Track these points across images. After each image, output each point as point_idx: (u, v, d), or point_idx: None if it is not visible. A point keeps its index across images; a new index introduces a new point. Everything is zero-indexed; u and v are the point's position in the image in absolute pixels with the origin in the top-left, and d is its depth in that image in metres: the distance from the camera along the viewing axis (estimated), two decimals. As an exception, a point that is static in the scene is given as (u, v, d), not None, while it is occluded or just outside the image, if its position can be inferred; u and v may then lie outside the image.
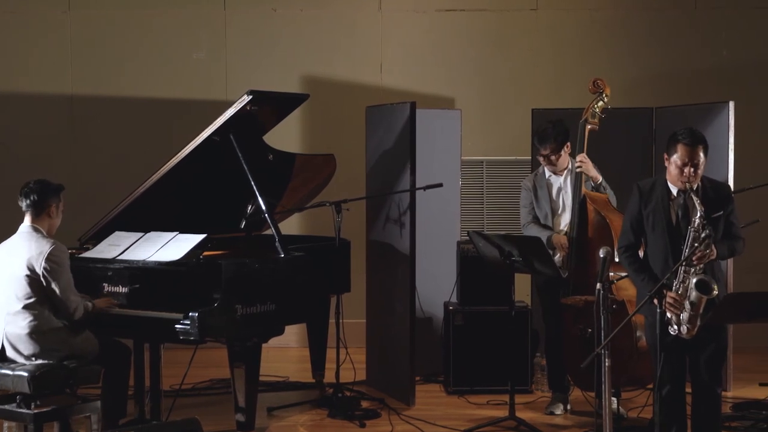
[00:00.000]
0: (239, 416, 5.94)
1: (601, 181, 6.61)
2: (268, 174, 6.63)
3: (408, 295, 7.11)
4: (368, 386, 7.55)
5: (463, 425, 6.56)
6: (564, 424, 6.70)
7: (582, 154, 6.60)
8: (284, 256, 6.17)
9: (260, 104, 6.26)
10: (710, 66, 9.07)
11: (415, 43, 9.15)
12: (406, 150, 7.09)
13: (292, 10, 9.14)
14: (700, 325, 5.15)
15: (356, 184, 7.84)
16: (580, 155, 6.60)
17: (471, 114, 8.68)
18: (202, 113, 7.77)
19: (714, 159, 5.39)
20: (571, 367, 6.65)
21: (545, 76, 9.06)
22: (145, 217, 6.32)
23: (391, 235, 7.34)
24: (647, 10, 9.11)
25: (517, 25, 9.12)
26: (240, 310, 5.72)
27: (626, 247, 5.50)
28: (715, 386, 5.39)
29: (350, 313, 7.51)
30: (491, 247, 6.44)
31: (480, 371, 7.36)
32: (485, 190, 9.08)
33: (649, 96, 8.56)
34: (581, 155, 6.60)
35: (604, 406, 5.05)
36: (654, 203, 5.39)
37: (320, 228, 7.99)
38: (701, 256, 5.13)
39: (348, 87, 9.09)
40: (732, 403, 6.95)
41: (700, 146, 5.27)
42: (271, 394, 7.30)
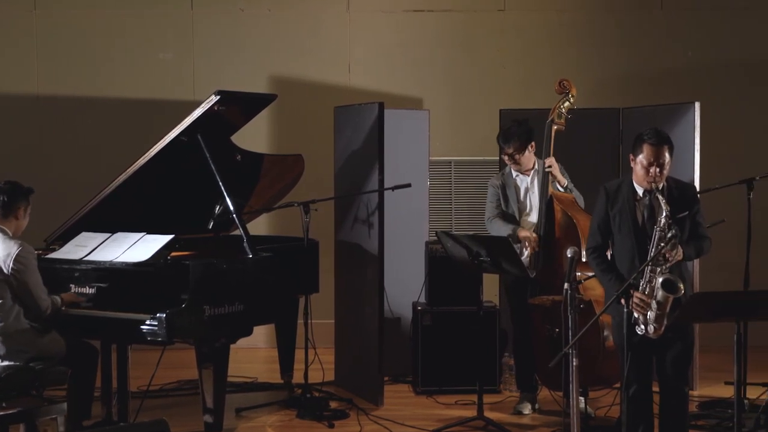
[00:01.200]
0: (207, 417, 5.92)
1: (567, 184, 6.65)
2: (236, 174, 6.61)
3: (376, 296, 7.11)
4: (337, 387, 7.54)
5: (431, 425, 6.56)
6: (532, 423, 6.72)
7: (550, 158, 6.63)
8: (252, 256, 6.15)
9: (228, 104, 6.24)
10: (676, 67, 9.13)
11: (383, 44, 9.16)
12: (374, 150, 7.09)
13: (260, 11, 9.12)
14: (666, 324, 5.19)
15: (324, 185, 7.83)
16: (549, 158, 6.63)
17: (439, 114, 8.69)
18: (169, 113, 7.73)
19: (680, 159, 5.43)
20: (539, 367, 6.68)
21: (513, 77, 9.09)
22: (113, 217, 6.29)
23: (359, 235, 7.34)
24: (614, 11, 9.16)
25: (484, 25, 9.15)
26: (208, 311, 5.70)
27: (594, 248, 5.52)
28: (682, 386, 5.43)
29: (319, 314, 7.51)
30: (459, 247, 6.45)
31: (448, 371, 7.37)
32: (453, 190, 9.10)
33: (616, 96, 8.60)
34: (549, 158, 6.63)
35: (571, 406, 5.07)
36: (620, 204, 5.41)
37: (288, 228, 7.98)
38: (668, 257, 5.17)
39: (316, 87, 9.08)
40: (698, 401, 7.00)
41: (666, 146, 5.31)
42: (240, 395, 7.28)
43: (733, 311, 4.94)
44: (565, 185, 6.64)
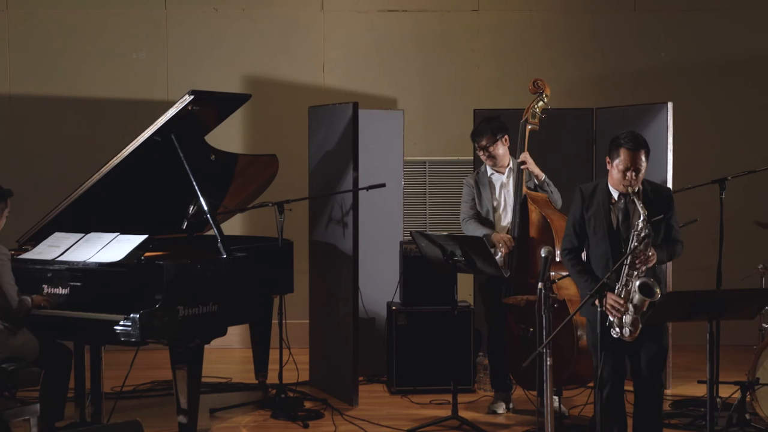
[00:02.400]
0: (181, 418, 5.90)
1: (545, 178, 6.66)
2: (210, 174, 6.60)
3: (351, 296, 7.11)
4: (311, 387, 7.54)
5: (406, 425, 6.57)
6: (506, 423, 6.74)
7: (524, 153, 6.65)
8: (226, 256, 6.14)
9: (202, 104, 6.23)
10: (649, 67, 9.17)
11: (358, 44, 9.16)
12: (348, 150, 7.09)
13: (234, 10, 9.09)
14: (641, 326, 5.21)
15: (299, 185, 7.82)
16: (523, 154, 6.65)
17: (413, 114, 8.70)
18: (143, 113, 7.72)
19: (653, 159, 5.45)
20: (513, 367, 6.69)
21: (487, 77, 9.11)
22: (86, 218, 6.26)
23: (333, 235, 7.34)
24: (588, 11, 9.19)
25: (458, 25, 9.16)
26: (182, 311, 5.69)
27: (569, 250, 5.54)
28: (657, 386, 5.46)
29: (293, 314, 7.50)
30: (434, 247, 6.46)
31: (423, 371, 7.38)
32: (428, 190, 9.10)
33: (590, 97, 8.64)
34: (524, 154, 6.65)
35: (545, 405, 5.09)
36: (595, 207, 5.43)
37: (263, 228, 7.97)
38: (643, 259, 5.19)
39: (290, 87, 9.07)
40: (671, 400, 7.04)
41: (643, 150, 5.32)
42: (214, 396, 7.26)
43: (706, 310, 4.98)
44: (543, 179, 6.65)
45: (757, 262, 6.66)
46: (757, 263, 6.65)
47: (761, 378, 6.37)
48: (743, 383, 6.41)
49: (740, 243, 7.91)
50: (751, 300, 5.24)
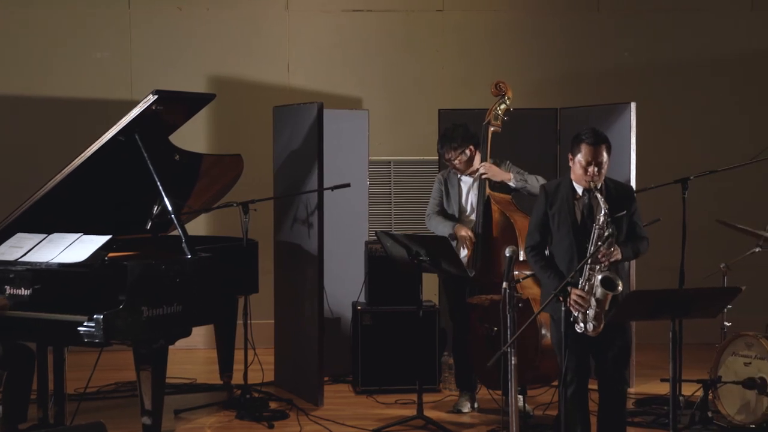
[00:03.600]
0: (145, 419, 5.87)
1: (512, 176, 6.64)
2: (175, 174, 6.57)
3: (316, 296, 7.11)
4: (277, 387, 7.53)
5: (371, 425, 6.57)
6: (471, 422, 6.76)
7: (484, 164, 6.65)
8: (191, 257, 6.12)
9: (166, 104, 6.20)
10: (613, 67, 9.23)
11: (323, 43, 9.15)
12: (313, 150, 7.09)
13: (198, 9, 9.06)
14: (604, 323, 5.24)
15: (264, 185, 7.81)
16: (483, 165, 6.64)
17: (378, 114, 8.70)
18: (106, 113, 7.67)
19: (616, 159, 5.50)
20: (477, 366, 6.71)
21: (452, 77, 9.13)
22: (49, 218, 6.21)
23: (299, 235, 7.33)
24: (552, 12, 9.23)
25: (423, 25, 9.17)
26: (146, 312, 5.65)
27: (533, 246, 5.57)
28: (621, 385, 5.51)
29: (258, 314, 7.47)
30: (399, 246, 6.47)
31: (388, 371, 7.39)
32: (393, 190, 9.11)
33: (554, 97, 8.67)
34: (484, 164, 6.64)
35: (510, 404, 5.11)
36: (559, 203, 5.47)
37: (227, 229, 7.94)
38: (606, 254, 5.23)
39: (255, 87, 9.05)
40: (635, 399, 7.08)
41: (603, 145, 5.37)
42: (178, 397, 7.24)
43: (669, 309, 5.01)
44: (510, 178, 6.63)
45: (719, 261, 6.72)
46: (719, 262, 6.71)
47: (723, 376, 6.43)
48: (706, 381, 6.46)
49: (703, 242, 7.97)
50: (714, 299, 5.29)
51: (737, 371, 6.39)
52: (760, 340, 6.31)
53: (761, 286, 6.98)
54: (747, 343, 6.38)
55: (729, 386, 6.38)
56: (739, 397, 6.35)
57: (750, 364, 6.34)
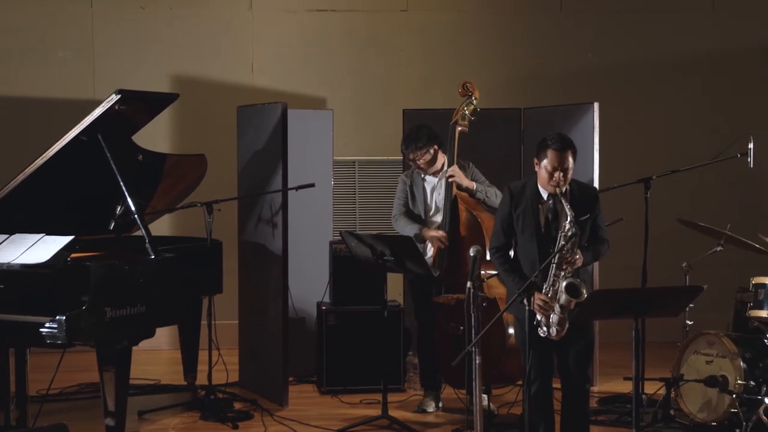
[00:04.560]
0: (109, 420, 5.83)
1: (476, 187, 6.66)
2: (138, 174, 6.54)
3: (281, 296, 7.10)
4: (241, 387, 7.51)
5: (336, 425, 6.57)
6: (436, 421, 6.77)
7: (453, 167, 6.67)
8: (154, 257, 6.09)
9: (129, 104, 6.16)
10: (576, 68, 9.28)
11: (287, 43, 9.13)
12: (277, 150, 7.07)
13: (161, 9, 9.02)
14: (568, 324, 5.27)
15: (228, 185, 7.78)
16: (451, 167, 6.66)
17: (343, 114, 8.69)
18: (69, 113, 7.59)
19: (579, 159, 5.52)
20: (442, 365, 6.72)
21: (416, 77, 9.14)
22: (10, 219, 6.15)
23: (263, 235, 7.32)
24: (515, 12, 9.27)
25: (387, 25, 9.18)
26: (109, 313, 5.62)
27: (497, 248, 5.58)
28: (584, 383, 5.53)
29: (222, 315, 7.46)
30: (363, 246, 6.47)
31: (353, 371, 7.39)
32: (357, 190, 9.12)
33: (518, 97, 8.70)
34: (452, 167, 6.66)
35: (474, 403, 5.12)
36: (524, 205, 5.48)
37: (191, 229, 7.91)
38: (569, 261, 5.25)
39: (219, 87, 9.02)
40: (598, 397, 7.12)
41: (569, 151, 5.38)
42: (142, 398, 7.20)
43: (632, 308, 5.04)
44: (473, 188, 6.66)
45: (682, 260, 6.78)
46: (682, 261, 6.76)
47: (685, 374, 6.47)
48: (668, 380, 6.52)
49: (665, 241, 8.02)
50: (676, 298, 5.33)
51: (699, 369, 6.44)
52: (721, 339, 6.36)
53: (723, 284, 7.02)
54: (709, 342, 6.43)
55: (691, 384, 6.43)
56: (701, 395, 6.40)
57: (712, 363, 6.39)
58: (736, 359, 6.23)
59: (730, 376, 6.23)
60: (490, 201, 6.65)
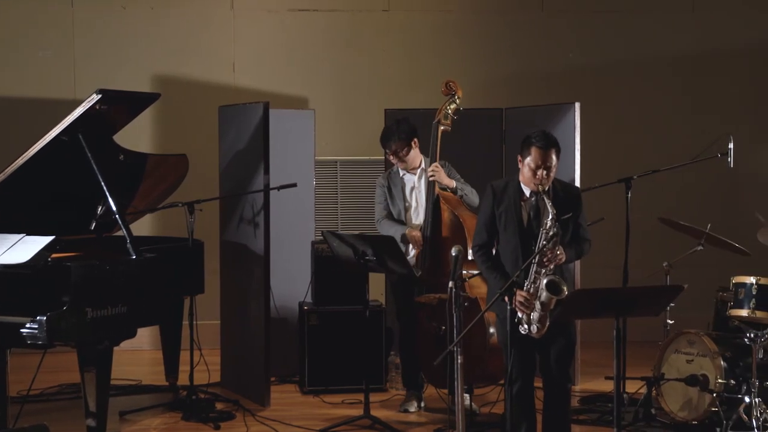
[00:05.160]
0: (90, 421, 5.82)
1: (456, 185, 6.69)
2: (119, 174, 6.52)
3: (262, 296, 7.09)
4: (223, 388, 7.49)
5: (318, 425, 6.57)
6: (418, 421, 6.78)
7: (435, 164, 6.68)
8: (135, 257, 6.07)
9: (110, 103, 6.15)
10: (557, 68, 9.30)
11: (268, 43, 9.13)
12: (259, 150, 7.07)
13: (142, 8, 9.00)
14: (549, 323, 5.28)
15: (209, 185, 7.77)
16: (433, 164, 6.68)
17: (325, 114, 8.69)
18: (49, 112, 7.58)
19: (561, 158, 5.53)
20: (424, 365, 6.73)
21: (398, 77, 9.15)
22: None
23: (245, 235, 7.31)
24: (497, 12, 9.28)
25: (369, 25, 9.18)
26: (90, 313, 5.61)
27: (480, 246, 5.59)
28: (565, 382, 5.55)
29: (204, 315, 7.45)
30: (345, 246, 6.47)
31: (335, 371, 7.39)
32: (339, 190, 9.11)
33: (500, 97, 8.72)
34: (434, 164, 6.67)
35: (457, 403, 5.13)
36: (506, 203, 5.49)
37: (173, 229, 7.89)
38: (551, 258, 5.26)
39: (200, 86, 9.00)
40: (579, 396, 7.14)
41: (553, 149, 5.39)
42: (124, 398, 7.18)
43: (613, 307, 5.06)
44: (454, 186, 6.68)
45: (662, 260, 6.80)
46: (662, 261, 6.79)
47: (666, 373, 6.50)
48: (649, 379, 6.54)
49: (646, 241, 8.04)
50: (657, 297, 5.35)
51: (680, 368, 6.47)
52: (702, 338, 6.39)
53: (703, 284, 7.06)
54: (689, 341, 6.46)
55: (672, 383, 6.46)
56: (682, 394, 6.43)
57: (692, 362, 6.42)
58: (717, 358, 6.26)
59: (710, 375, 6.26)
60: (468, 199, 6.67)
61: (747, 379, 6.21)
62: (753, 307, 6.29)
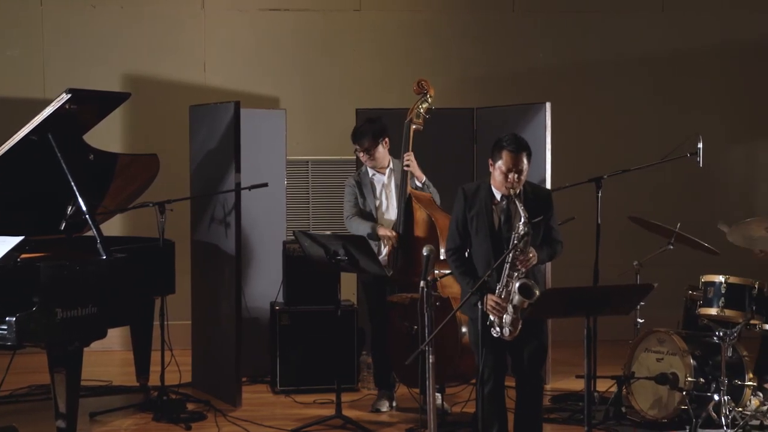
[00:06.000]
0: (60, 423, 5.80)
1: (425, 180, 6.74)
2: (89, 174, 6.49)
3: (234, 296, 7.07)
4: (194, 388, 7.47)
5: (289, 425, 6.56)
6: (390, 420, 6.78)
7: (409, 153, 6.70)
8: (106, 257, 6.05)
9: (80, 103, 6.12)
10: (528, 67, 9.32)
11: (239, 43, 9.10)
12: (230, 150, 7.05)
13: (112, 7, 8.95)
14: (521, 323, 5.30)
15: (180, 185, 7.74)
16: (407, 154, 6.70)
17: (296, 114, 8.68)
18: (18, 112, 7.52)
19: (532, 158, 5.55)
20: (396, 365, 6.74)
21: (369, 77, 9.14)
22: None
23: (216, 235, 7.29)
24: (468, 12, 9.30)
25: (340, 25, 9.18)
26: (60, 314, 5.58)
27: (453, 249, 5.60)
28: (537, 382, 5.58)
29: (175, 315, 7.41)
30: (317, 246, 6.47)
31: (307, 371, 7.38)
32: (311, 189, 9.11)
33: (472, 96, 8.73)
34: (408, 153, 6.69)
35: (428, 402, 5.14)
36: (478, 207, 5.50)
37: (144, 229, 7.85)
38: (523, 261, 5.27)
39: (171, 86, 8.97)
40: (550, 395, 7.16)
41: (524, 153, 5.41)
42: (94, 399, 7.14)
43: (584, 306, 5.08)
44: (423, 181, 6.72)
45: (633, 259, 6.84)
46: (633, 260, 6.82)
47: (636, 372, 6.54)
48: (619, 377, 6.57)
49: (616, 240, 8.08)
50: (627, 296, 5.38)
51: (650, 367, 6.50)
52: (672, 337, 6.43)
53: (673, 283, 7.10)
54: (659, 340, 6.50)
55: (642, 382, 6.49)
56: (652, 392, 6.47)
57: (662, 360, 6.46)
58: (686, 356, 6.30)
59: (680, 374, 6.30)
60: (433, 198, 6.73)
61: (716, 377, 6.26)
62: (722, 305, 6.34)
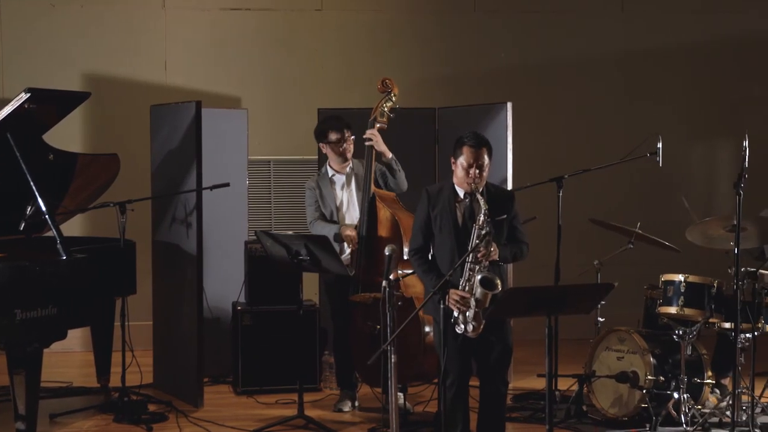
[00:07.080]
0: (19, 425, 5.75)
1: (392, 157, 6.70)
2: (49, 174, 6.44)
3: (195, 296, 7.05)
4: (155, 389, 7.44)
5: (252, 425, 6.55)
6: (352, 420, 6.78)
7: (372, 130, 6.68)
8: (65, 258, 6.01)
9: (39, 102, 6.08)
10: (490, 67, 9.35)
11: (200, 42, 9.07)
12: (191, 150, 7.03)
13: (72, 6, 8.89)
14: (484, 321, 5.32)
15: (141, 184, 7.70)
16: (370, 131, 6.68)
17: (258, 114, 8.66)
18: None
19: (493, 158, 5.58)
20: (359, 364, 6.74)
21: (331, 76, 9.14)
22: None
23: (177, 235, 7.26)
24: (430, 12, 9.32)
25: (302, 25, 9.17)
26: (19, 315, 5.54)
27: (416, 250, 5.64)
28: (502, 386, 5.62)
29: (136, 316, 7.37)
30: (279, 246, 6.46)
31: (269, 371, 7.37)
32: (273, 189, 9.09)
33: (434, 96, 8.74)
34: (371, 130, 6.68)
35: (390, 402, 5.14)
36: (441, 205, 5.54)
37: (104, 229, 7.81)
38: (484, 254, 5.30)
39: (132, 85, 8.92)
40: (512, 394, 7.19)
41: (485, 148, 5.46)
42: (54, 401, 7.09)
43: (545, 306, 5.10)
44: (390, 157, 6.69)
45: (593, 258, 6.89)
46: (593, 259, 6.87)
47: (597, 370, 6.58)
48: (580, 376, 6.61)
49: (577, 240, 8.12)
50: (588, 295, 5.41)
51: (610, 366, 6.55)
52: (632, 335, 6.47)
53: (633, 282, 7.16)
54: (620, 338, 6.55)
55: (603, 380, 6.54)
56: (613, 390, 6.51)
57: (623, 359, 6.50)
58: (646, 355, 6.35)
59: (640, 372, 6.35)
60: (399, 179, 6.72)
61: (676, 376, 6.32)
62: (682, 304, 6.40)
